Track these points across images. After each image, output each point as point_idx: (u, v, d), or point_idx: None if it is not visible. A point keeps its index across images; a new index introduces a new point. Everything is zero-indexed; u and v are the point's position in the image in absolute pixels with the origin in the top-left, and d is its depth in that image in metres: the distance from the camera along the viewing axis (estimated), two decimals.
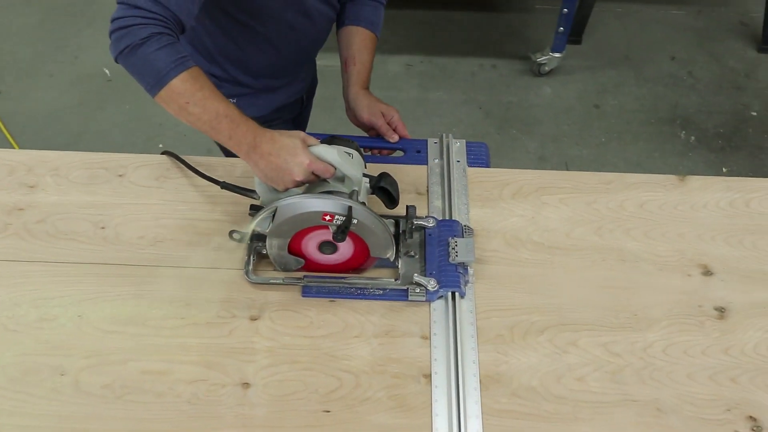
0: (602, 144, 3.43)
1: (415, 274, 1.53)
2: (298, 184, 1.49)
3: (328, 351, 1.43)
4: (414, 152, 1.84)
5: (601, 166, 3.32)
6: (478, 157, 1.82)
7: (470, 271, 1.56)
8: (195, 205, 1.67)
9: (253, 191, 1.55)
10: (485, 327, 1.48)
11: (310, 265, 1.56)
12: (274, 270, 1.56)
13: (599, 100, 3.66)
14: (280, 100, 1.99)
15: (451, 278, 1.53)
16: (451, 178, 1.74)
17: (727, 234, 1.67)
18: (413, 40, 3.79)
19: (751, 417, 1.38)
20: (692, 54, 3.91)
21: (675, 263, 1.61)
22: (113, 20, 1.41)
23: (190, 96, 1.41)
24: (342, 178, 1.51)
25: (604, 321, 1.51)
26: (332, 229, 1.46)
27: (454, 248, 1.56)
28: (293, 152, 1.45)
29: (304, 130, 2.00)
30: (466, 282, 1.54)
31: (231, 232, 1.57)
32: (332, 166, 1.48)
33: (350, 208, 1.43)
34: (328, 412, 1.35)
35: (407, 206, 1.57)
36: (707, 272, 1.60)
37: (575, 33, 3.83)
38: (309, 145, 1.49)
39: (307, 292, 1.52)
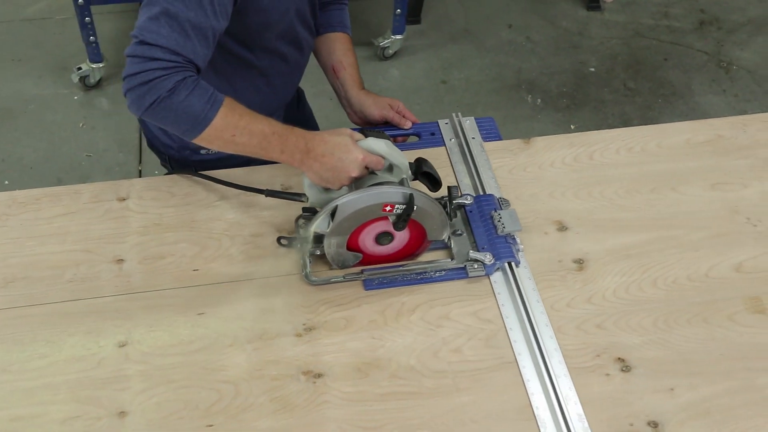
0: None
1: (470, 251, 1.56)
2: (353, 181, 1.50)
3: (203, 364, 1.41)
4: (428, 135, 1.87)
5: None
6: (490, 131, 1.87)
7: (518, 239, 1.60)
8: (44, 239, 1.61)
9: (300, 195, 1.57)
10: (357, 315, 1.49)
11: (367, 258, 1.56)
12: (331, 269, 1.56)
13: (446, 75, 3.72)
14: None
15: (504, 249, 1.56)
16: (474, 155, 1.78)
17: (576, 188, 1.74)
18: None
19: (619, 358, 1.44)
20: (527, 20, 4.03)
21: (531, 223, 1.66)
22: (129, 77, 1.37)
23: (234, 128, 1.43)
24: (390, 168, 1.53)
25: (472, 289, 1.54)
26: (392, 219, 1.48)
27: (499, 220, 1.60)
28: (346, 149, 1.47)
29: None
30: (518, 250, 1.58)
31: (279, 239, 1.57)
32: (382, 157, 1.50)
33: (411, 195, 1.45)
34: (211, 426, 1.33)
35: (449, 187, 1.59)
36: (562, 227, 1.66)
37: (413, 13, 3.88)
38: (356, 140, 1.50)
39: (369, 285, 1.53)
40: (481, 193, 1.70)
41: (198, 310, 1.49)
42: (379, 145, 1.51)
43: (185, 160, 1.82)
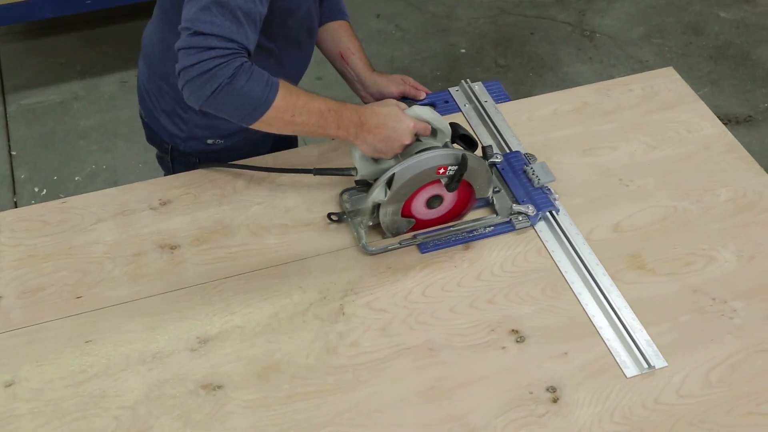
0: None
1: (513, 205, 1.64)
2: (405, 148, 1.54)
3: (97, 393, 1.37)
4: (443, 103, 1.92)
5: None
6: (499, 94, 1.96)
7: (552, 189, 1.69)
8: None
9: (349, 169, 1.61)
10: (250, 322, 1.47)
11: (418, 223, 1.62)
12: (385, 237, 1.62)
13: (320, 71, 3.70)
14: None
15: (543, 200, 1.66)
16: (491, 116, 1.87)
17: None
18: (122, 56, 3.65)
19: (513, 330, 1.47)
20: (395, 8, 4.06)
21: None
22: (186, 68, 1.36)
23: (293, 108, 1.44)
24: (434, 134, 1.58)
25: (363, 281, 1.55)
26: (444, 181, 1.54)
27: (533, 174, 1.69)
28: (397, 119, 1.52)
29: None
30: (555, 199, 1.67)
31: (329, 215, 1.62)
32: (428, 123, 1.55)
33: (464, 155, 1.50)
34: None
35: (483, 147, 1.65)
36: None
37: None
38: (403, 110, 1.55)
39: (424, 248, 1.59)
40: (507, 151, 1.78)
41: (86, 338, 1.44)
42: (425, 111, 1.56)
43: (191, 151, 1.81)
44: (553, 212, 1.66)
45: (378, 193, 1.52)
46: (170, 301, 1.50)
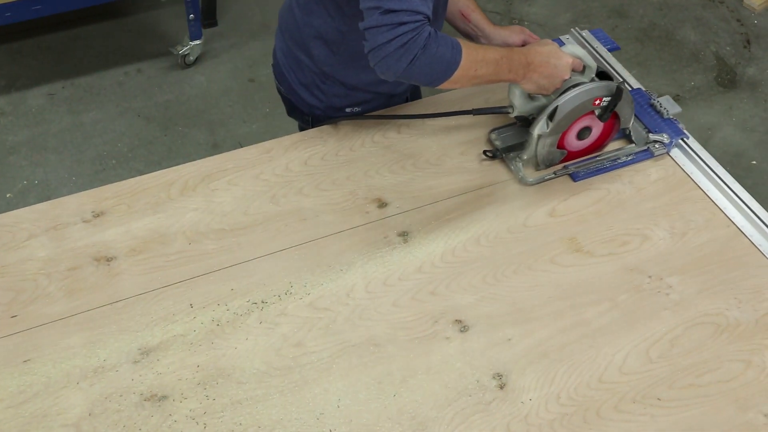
0: (268, 114, 3.47)
1: (650, 134, 1.79)
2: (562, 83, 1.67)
3: (38, 413, 1.34)
4: None
5: (273, 135, 3.33)
6: (606, 41, 2.10)
7: (678, 119, 1.85)
8: None
9: (506, 107, 1.71)
10: (190, 330, 1.46)
11: (568, 155, 1.76)
12: (537, 170, 1.75)
13: (252, 73, 3.68)
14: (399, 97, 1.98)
15: (674, 129, 1.83)
16: (607, 60, 2.02)
17: (389, 163, 1.76)
18: (48, 68, 3.58)
19: (456, 320, 1.48)
20: None
21: (351, 205, 1.67)
22: (381, 45, 1.43)
23: (476, 63, 1.54)
24: (582, 70, 1.68)
25: (304, 281, 1.54)
26: (598, 112, 1.68)
27: (661, 106, 1.86)
28: (558, 56, 1.64)
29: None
30: (683, 128, 1.83)
31: (485, 152, 1.76)
32: (581, 59, 1.68)
33: (618, 87, 1.65)
34: None
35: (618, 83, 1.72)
36: (382, 204, 1.68)
37: (208, 16, 3.81)
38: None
39: (576, 177, 1.74)
40: (630, 89, 1.93)
41: (23, 357, 1.41)
42: (578, 49, 1.70)
43: (328, 119, 1.88)
44: (684, 139, 1.80)
45: (541, 126, 1.65)
46: (109, 313, 1.48)
